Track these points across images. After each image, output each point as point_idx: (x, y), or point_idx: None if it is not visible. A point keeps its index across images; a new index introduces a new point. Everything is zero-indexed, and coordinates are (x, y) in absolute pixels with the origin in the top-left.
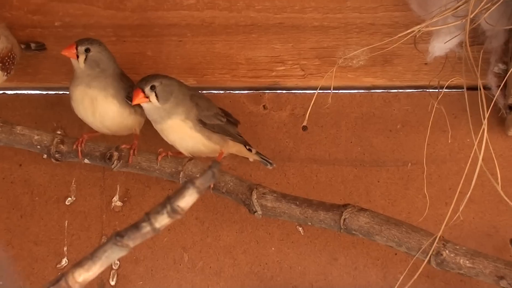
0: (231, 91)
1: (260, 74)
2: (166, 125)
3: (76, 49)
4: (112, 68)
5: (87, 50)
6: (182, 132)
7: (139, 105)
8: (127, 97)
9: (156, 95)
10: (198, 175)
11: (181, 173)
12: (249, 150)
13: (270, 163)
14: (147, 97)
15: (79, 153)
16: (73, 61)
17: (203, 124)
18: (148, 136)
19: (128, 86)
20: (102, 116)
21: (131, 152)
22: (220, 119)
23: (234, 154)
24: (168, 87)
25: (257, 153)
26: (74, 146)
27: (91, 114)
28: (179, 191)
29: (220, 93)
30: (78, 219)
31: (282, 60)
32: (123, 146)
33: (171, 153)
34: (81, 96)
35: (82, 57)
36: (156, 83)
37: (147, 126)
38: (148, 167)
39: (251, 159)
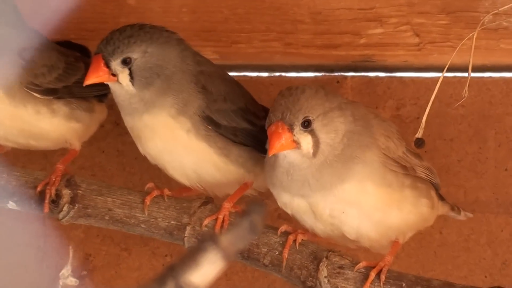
0: (282, 73)
1: (338, 41)
2: (141, 122)
3: None
4: None
5: None
6: (171, 139)
7: (64, 102)
8: (32, 85)
9: (131, 73)
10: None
11: (188, 228)
12: None
13: None
14: (114, 75)
15: None
16: None
17: (214, 125)
18: (126, 154)
19: (46, 63)
20: None
21: (47, 191)
22: (250, 119)
23: None
24: (157, 59)
25: None
26: None
27: None
28: (190, 257)
29: (262, 76)
30: None
31: (379, 15)
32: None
33: (168, 191)
34: None
35: None
36: (134, 55)
37: (125, 135)
38: (127, 218)
39: None
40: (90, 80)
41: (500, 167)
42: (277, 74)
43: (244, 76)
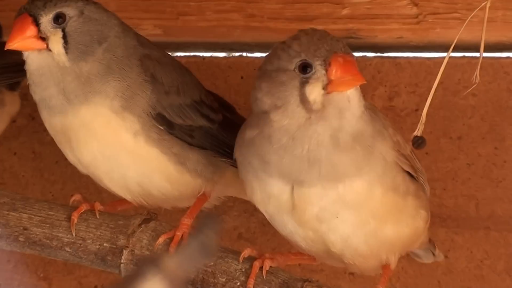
0: (244, 53)
1: (315, 12)
2: (76, 119)
3: None
4: None
5: None
6: (113, 143)
7: None
8: None
9: (65, 37)
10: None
11: (125, 252)
12: None
13: None
14: (43, 38)
15: None
16: None
17: (167, 125)
18: (44, 156)
19: None
20: None
21: None
22: (207, 114)
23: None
24: (97, 22)
25: None
26: None
27: None
28: (126, 285)
29: (218, 57)
30: None
31: None
32: None
33: (100, 205)
34: None
35: None
36: (70, 11)
37: (43, 132)
38: (48, 239)
39: None
40: (15, 42)
41: None
42: (237, 54)
43: (195, 56)
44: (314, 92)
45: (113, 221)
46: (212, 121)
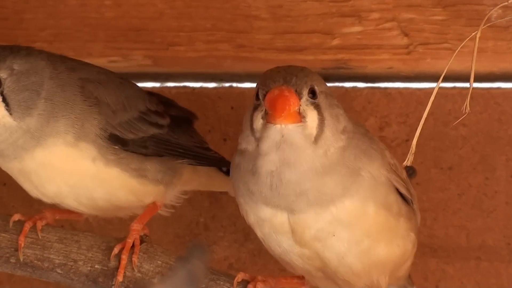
0: (234, 84)
1: (305, 42)
2: (33, 161)
3: None
4: None
5: None
6: (75, 173)
7: None
8: None
9: (4, 100)
10: (155, 280)
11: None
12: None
13: None
14: None
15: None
16: None
17: (121, 143)
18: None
19: None
20: None
21: None
22: (155, 121)
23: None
24: (29, 74)
25: None
26: None
27: None
28: None
29: (207, 87)
30: None
31: (357, 10)
32: None
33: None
34: None
35: None
36: (1, 73)
37: None
38: (39, 261)
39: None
40: None
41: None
42: (226, 84)
43: (185, 87)
44: (257, 119)
45: (104, 243)
46: (161, 127)
